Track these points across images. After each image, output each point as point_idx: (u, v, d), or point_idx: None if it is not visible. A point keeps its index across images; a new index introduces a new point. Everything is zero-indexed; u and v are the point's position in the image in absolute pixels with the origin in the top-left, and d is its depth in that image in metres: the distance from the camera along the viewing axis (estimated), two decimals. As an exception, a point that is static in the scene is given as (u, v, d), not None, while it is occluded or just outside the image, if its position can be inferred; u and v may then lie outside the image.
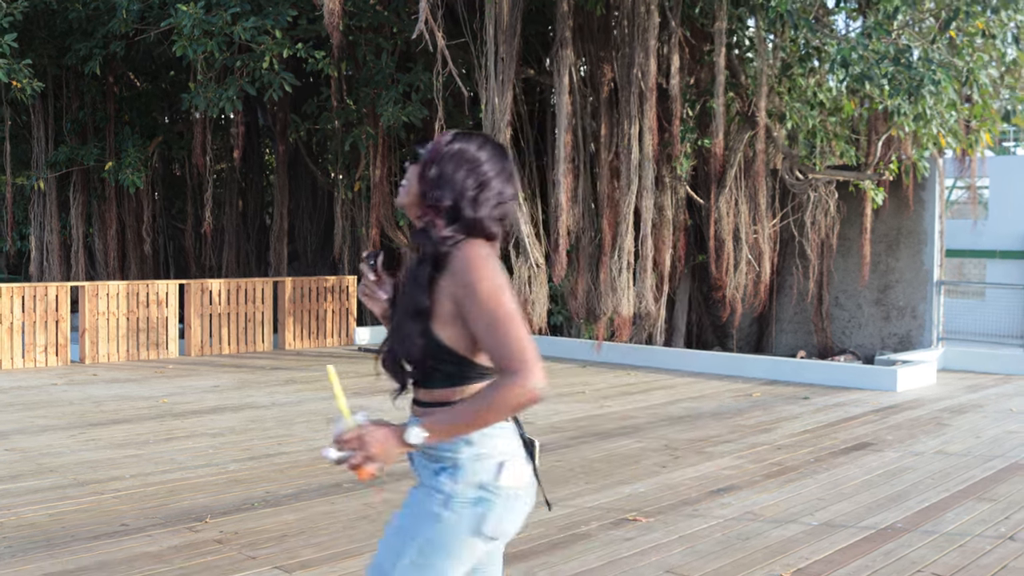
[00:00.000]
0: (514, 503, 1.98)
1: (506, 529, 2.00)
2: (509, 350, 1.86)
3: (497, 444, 1.97)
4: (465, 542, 1.96)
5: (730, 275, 11.44)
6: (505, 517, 1.98)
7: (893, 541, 4.67)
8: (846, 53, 7.87)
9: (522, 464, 1.99)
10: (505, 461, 1.98)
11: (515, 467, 1.98)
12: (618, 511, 5.10)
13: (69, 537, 4.47)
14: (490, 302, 1.87)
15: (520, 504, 2.00)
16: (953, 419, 8.13)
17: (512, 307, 1.89)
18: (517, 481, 1.98)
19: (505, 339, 1.86)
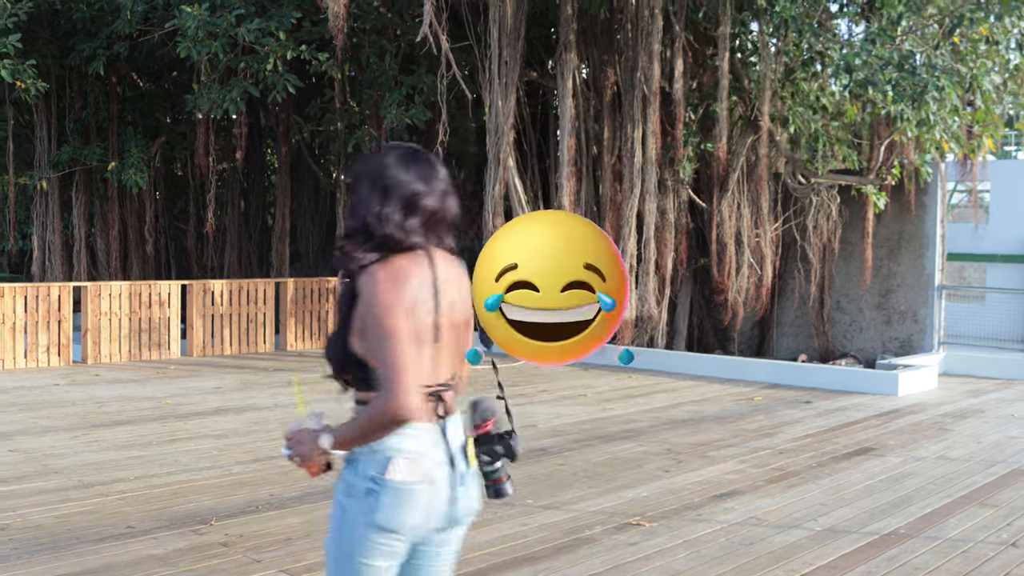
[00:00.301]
0: (404, 496, 2.08)
1: (401, 521, 2.09)
2: (385, 369, 2.02)
3: (391, 442, 2.08)
4: (365, 533, 2.08)
5: (732, 279, 11.45)
6: (396, 509, 2.08)
7: (896, 547, 4.68)
8: (850, 59, 7.89)
9: (414, 462, 2.08)
10: (393, 457, 2.08)
11: (404, 463, 2.08)
12: (621, 515, 5.11)
13: (75, 539, 4.48)
14: (379, 323, 2.02)
15: (413, 498, 2.08)
16: (955, 424, 8.15)
17: (398, 329, 2.01)
18: (405, 476, 2.08)
19: (384, 359, 2.01)
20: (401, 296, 2.04)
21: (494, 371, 2.23)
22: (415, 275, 2.08)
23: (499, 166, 10.20)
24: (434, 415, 2.12)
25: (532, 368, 11.41)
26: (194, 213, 16.66)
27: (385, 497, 2.07)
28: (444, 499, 2.13)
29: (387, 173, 2.08)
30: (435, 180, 2.12)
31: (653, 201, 10.64)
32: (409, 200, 2.07)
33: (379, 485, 2.08)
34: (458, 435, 2.20)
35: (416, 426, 2.08)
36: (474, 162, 15.07)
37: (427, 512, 2.11)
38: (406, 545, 2.15)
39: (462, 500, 2.17)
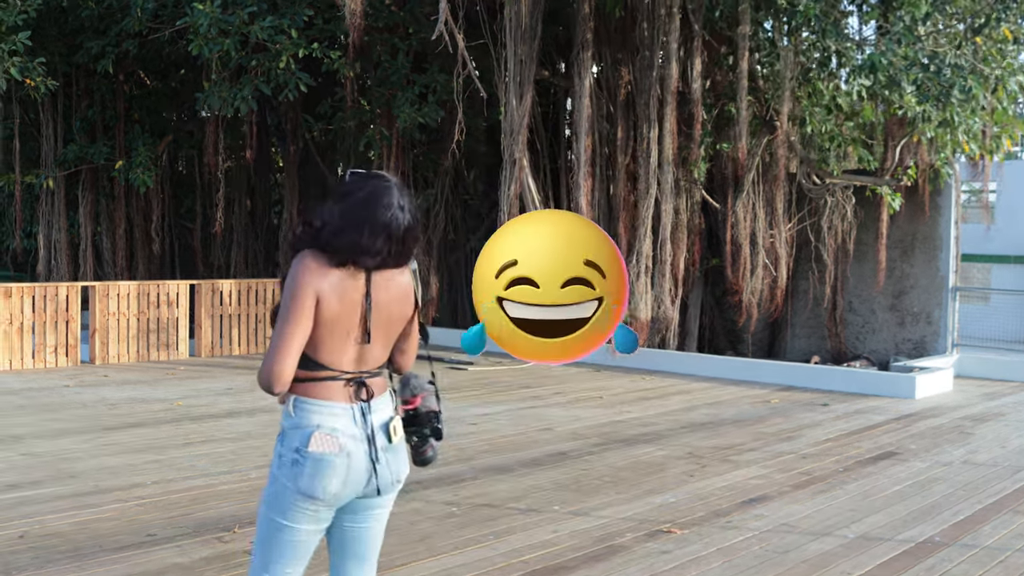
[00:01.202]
0: (322, 466, 2.38)
1: (320, 487, 2.39)
2: (273, 339, 2.38)
3: (312, 418, 2.40)
4: (290, 499, 2.40)
5: (746, 280, 11.35)
6: (316, 477, 2.38)
7: (933, 556, 4.59)
8: (876, 58, 7.79)
9: (331, 436, 2.39)
10: (313, 432, 2.39)
11: (322, 437, 2.39)
12: (651, 522, 5.02)
13: (96, 547, 4.38)
14: (286, 300, 2.37)
15: (330, 468, 2.38)
16: (976, 428, 8.06)
17: (291, 313, 2.35)
18: (323, 448, 2.38)
19: (276, 330, 2.37)
20: (311, 284, 2.35)
21: (429, 363, 2.70)
22: (337, 273, 2.38)
23: (514, 166, 10.10)
24: (355, 398, 2.44)
25: (544, 369, 11.32)
26: (200, 212, 16.55)
27: (307, 467, 2.38)
28: (362, 470, 2.43)
29: (346, 195, 2.43)
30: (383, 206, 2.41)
31: (670, 202, 10.54)
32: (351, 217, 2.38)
33: (302, 456, 2.38)
34: (383, 415, 2.50)
35: (336, 405, 2.41)
36: (484, 162, 14.97)
37: (344, 481, 2.41)
38: (329, 511, 2.45)
39: (383, 472, 2.47)
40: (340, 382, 2.42)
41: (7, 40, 10.40)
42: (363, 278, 2.41)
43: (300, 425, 2.40)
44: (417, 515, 5.03)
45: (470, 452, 6.65)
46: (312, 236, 2.41)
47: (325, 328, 2.38)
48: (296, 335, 2.34)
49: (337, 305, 2.37)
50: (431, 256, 13.63)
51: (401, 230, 2.41)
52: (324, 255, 2.38)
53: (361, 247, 2.36)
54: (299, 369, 2.39)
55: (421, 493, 5.48)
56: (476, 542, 4.61)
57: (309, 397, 2.41)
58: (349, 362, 2.44)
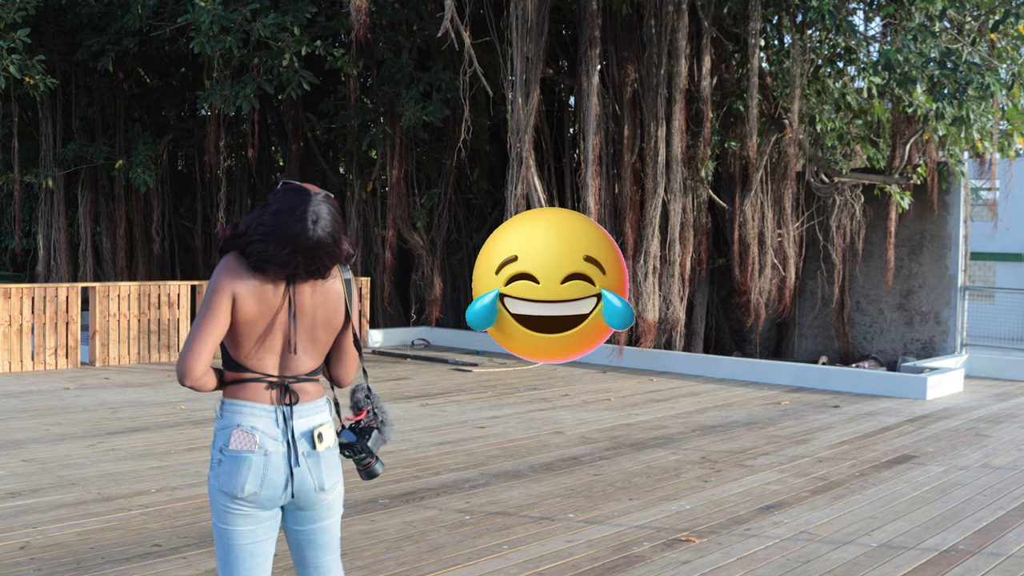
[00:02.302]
0: (238, 463, 2.42)
1: (237, 484, 2.42)
2: (190, 333, 2.44)
3: (234, 418, 2.45)
4: (216, 498, 2.45)
5: (754, 280, 11.23)
6: (232, 475, 2.42)
7: (959, 565, 4.47)
8: (892, 55, 7.66)
9: (248, 434, 2.43)
10: (233, 430, 2.44)
11: (239, 435, 2.43)
12: (668, 530, 4.90)
13: (100, 558, 4.26)
14: (206, 297, 2.45)
15: (244, 465, 2.42)
16: (991, 430, 7.95)
17: (206, 311, 2.41)
18: (239, 446, 2.42)
19: (194, 325, 2.44)
20: (228, 285, 2.43)
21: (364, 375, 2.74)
22: (256, 278, 2.45)
23: (521, 165, 9.97)
24: (277, 400, 2.48)
25: (550, 371, 11.20)
26: (201, 212, 16.41)
27: (226, 464, 2.43)
28: (280, 472, 2.45)
29: (268, 206, 2.50)
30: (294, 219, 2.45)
31: (678, 201, 10.41)
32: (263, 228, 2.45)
33: (223, 455, 2.45)
34: (310, 421, 2.52)
35: (257, 406, 2.46)
36: (488, 161, 14.84)
37: (261, 480, 2.43)
38: (262, 511, 2.47)
39: (302, 476, 2.48)
40: (263, 384, 2.48)
41: (6, 37, 10.26)
42: (283, 285, 2.47)
43: (225, 426, 2.47)
44: (430, 524, 4.91)
45: (481, 457, 6.52)
46: (234, 240, 2.49)
47: (244, 329, 2.45)
48: (209, 331, 2.40)
49: (255, 308, 2.44)
50: (434, 256, 13.50)
51: (310, 243, 2.45)
52: (242, 259, 2.47)
53: (268, 256, 2.43)
54: (227, 371, 2.49)
55: (434, 500, 5.36)
56: (490, 552, 4.49)
57: (234, 399, 2.47)
58: (273, 366, 2.50)
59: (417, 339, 13.67)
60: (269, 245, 2.44)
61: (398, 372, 10.86)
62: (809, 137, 11.46)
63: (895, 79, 7.90)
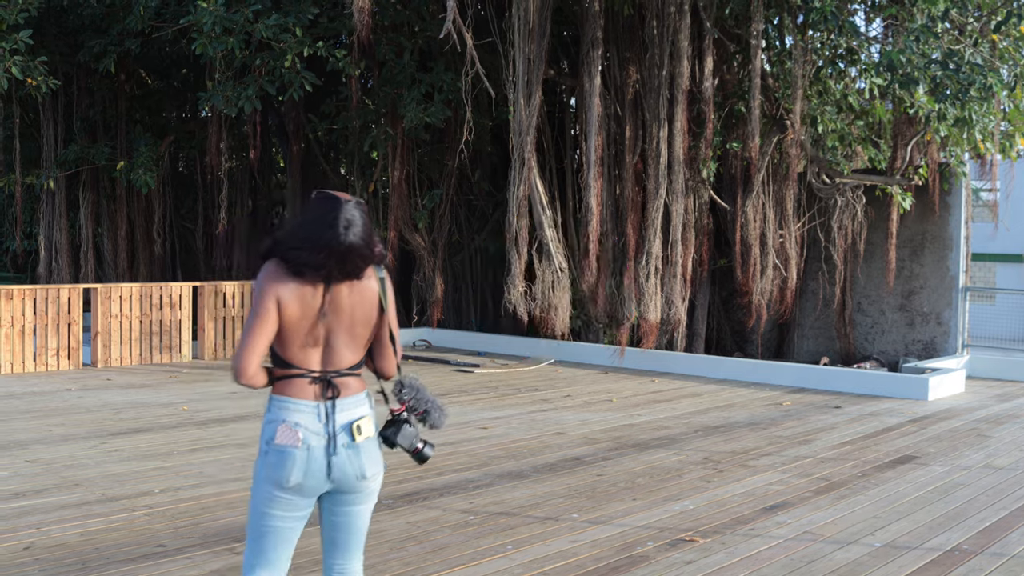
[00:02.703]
0: (283, 457, 2.62)
1: (282, 476, 2.62)
2: (242, 335, 2.65)
3: (280, 414, 2.66)
4: (262, 486, 2.66)
5: (756, 280, 11.23)
6: (278, 467, 2.63)
7: (963, 565, 4.48)
8: (894, 56, 7.66)
9: (292, 430, 2.63)
10: (279, 426, 2.64)
11: (284, 431, 2.63)
12: (672, 530, 4.90)
13: (105, 559, 4.26)
14: (253, 301, 2.68)
15: (289, 459, 2.63)
16: (992, 430, 7.95)
17: (255, 314, 2.63)
18: (284, 441, 2.63)
19: (245, 327, 2.64)
20: (272, 289, 2.63)
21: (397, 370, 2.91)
22: (296, 281, 2.64)
23: (523, 166, 9.98)
24: (321, 396, 2.67)
25: (551, 372, 11.21)
26: (202, 213, 16.41)
27: (272, 457, 2.64)
28: (322, 463, 2.64)
29: (303, 214, 2.71)
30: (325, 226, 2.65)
31: (680, 202, 10.41)
32: (299, 236, 2.65)
33: (270, 448, 2.65)
34: (351, 414, 2.70)
35: (301, 402, 2.66)
36: (490, 162, 14.84)
37: (304, 471, 2.63)
38: (301, 500, 2.66)
39: (341, 466, 2.66)
40: (306, 379, 2.67)
41: (8, 39, 10.27)
42: (322, 287, 2.66)
43: (272, 420, 2.67)
44: (434, 524, 4.92)
45: (484, 458, 6.53)
46: (275, 248, 2.68)
47: (289, 329, 2.66)
48: (259, 333, 2.62)
49: (297, 309, 2.63)
50: (436, 257, 13.50)
51: (343, 248, 2.63)
52: (284, 265, 2.65)
53: (304, 261, 2.62)
54: (276, 368, 2.70)
55: (437, 501, 5.37)
56: (494, 552, 4.50)
57: (281, 395, 2.67)
58: (316, 362, 2.69)
59: (419, 340, 13.68)
60: (304, 251, 2.63)
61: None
62: (810, 138, 11.46)
63: (897, 80, 7.90)
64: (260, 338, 2.61)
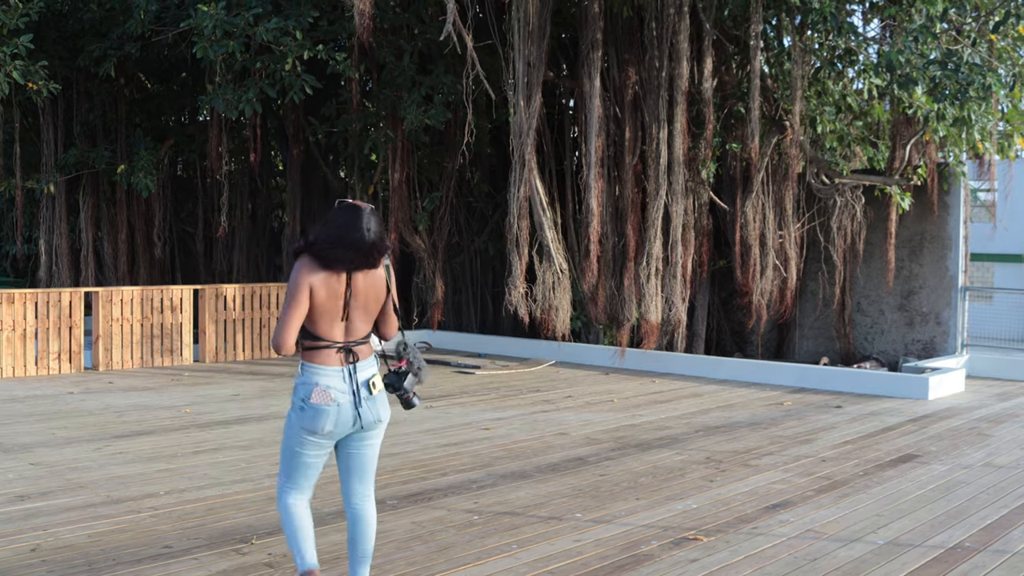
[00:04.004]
0: (319, 412, 3.41)
1: (318, 426, 3.43)
2: (280, 316, 3.40)
3: (313, 377, 3.43)
4: (298, 433, 3.47)
5: (756, 281, 11.25)
6: (314, 420, 3.42)
7: (965, 562, 4.50)
8: (893, 56, 7.69)
9: (325, 391, 3.41)
10: (313, 388, 3.42)
11: (319, 392, 3.41)
12: (676, 529, 4.92)
13: (111, 560, 4.27)
14: (288, 290, 3.40)
15: (324, 413, 3.41)
16: (993, 429, 7.98)
17: (291, 299, 3.37)
18: (319, 400, 3.41)
19: (283, 311, 3.39)
20: (306, 279, 3.37)
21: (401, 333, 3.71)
22: (324, 272, 3.38)
23: (523, 167, 10.00)
24: (345, 361, 3.46)
25: (552, 372, 11.23)
26: (202, 216, 16.42)
27: (308, 413, 3.42)
28: (348, 414, 3.45)
29: (331, 221, 3.46)
30: (352, 229, 3.41)
31: (680, 203, 10.44)
32: (331, 237, 3.41)
33: (307, 405, 3.42)
34: (366, 374, 3.50)
35: (330, 369, 3.43)
36: (489, 163, 14.87)
37: (335, 422, 3.44)
38: (327, 441, 3.49)
39: (365, 414, 3.49)
40: (333, 349, 3.43)
41: (9, 43, 10.28)
42: (345, 275, 3.41)
43: (306, 382, 3.43)
44: (439, 524, 4.94)
45: (486, 458, 6.55)
46: (307, 247, 3.41)
47: (317, 311, 3.40)
48: (295, 315, 3.36)
49: (325, 294, 3.38)
50: (436, 259, 13.52)
51: (367, 246, 3.42)
52: (315, 260, 3.39)
53: (336, 257, 3.37)
54: (306, 340, 3.43)
55: (442, 501, 5.39)
56: (499, 551, 4.52)
57: (312, 363, 3.44)
58: (339, 334, 3.45)
59: (419, 342, 13.70)
60: (337, 249, 3.39)
61: (401, 375, 10.87)
62: (809, 139, 11.49)
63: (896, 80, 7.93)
64: (295, 319, 3.36)
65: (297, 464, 3.49)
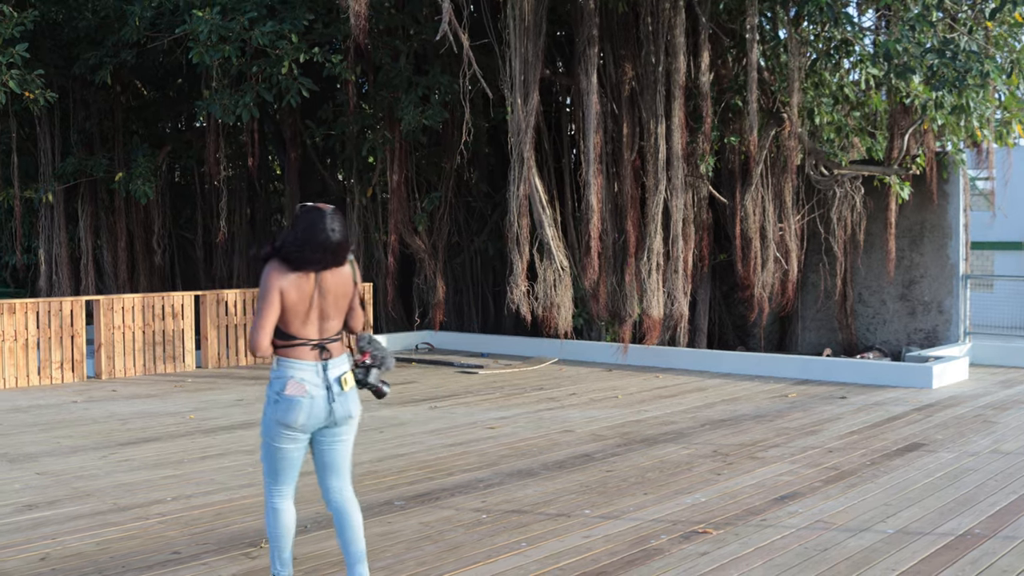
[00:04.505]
0: (293, 405, 3.53)
1: (292, 419, 3.53)
2: (254, 319, 3.53)
3: (288, 371, 3.55)
4: (273, 426, 3.57)
5: (757, 274, 11.24)
6: (289, 412, 3.53)
7: (976, 549, 4.50)
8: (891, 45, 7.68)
9: (299, 384, 3.52)
10: (287, 380, 3.53)
11: (293, 385, 3.52)
12: (685, 523, 4.92)
13: (121, 567, 4.27)
14: (260, 294, 3.53)
15: (298, 406, 3.53)
16: (998, 416, 7.98)
17: (263, 303, 3.50)
18: (294, 393, 3.52)
19: (256, 314, 3.52)
20: (276, 282, 3.49)
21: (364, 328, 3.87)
22: (294, 274, 3.50)
23: (522, 165, 9.99)
24: (319, 358, 3.58)
25: (555, 371, 11.22)
26: (201, 222, 16.40)
27: (283, 405, 3.53)
28: (322, 408, 3.57)
29: (297, 225, 3.56)
30: (319, 230, 3.52)
31: (680, 197, 10.43)
32: (299, 240, 3.51)
33: (281, 397, 3.54)
34: (338, 371, 3.62)
35: (305, 363, 3.55)
36: (487, 163, 14.86)
37: (309, 415, 3.55)
38: (303, 435, 3.59)
39: (337, 409, 3.60)
40: (307, 346, 3.55)
41: (4, 53, 10.27)
42: (312, 276, 3.53)
43: (280, 376, 3.54)
44: (447, 524, 4.93)
45: (492, 457, 6.54)
46: (275, 252, 3.53)
47: (290, 312, 3.53)
48: (268, 318, 3.49)
49: (296, 296, 3.51)
50: (436, 259, 13.50)
51: (334, 245, 3.55)
52: (284, 263, 3.51)
53: (306, 258, 3.50)
54: (280, 339, 3.54)
55: (449, 500, 5.38)
56: (509, 549, 4.51)
57: (287, 357, 3.55)
58: (314, 332, 3.58)
59: (421, 343, 13.69)
60: (306, 251, 3.50)
61: (404, 376, 10.87)
62: (807, 130, 11.48)
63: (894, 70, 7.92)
64: (269, 322, 3.50)
65: (278, 460, 3.60)
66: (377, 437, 7.30)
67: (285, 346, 3.53)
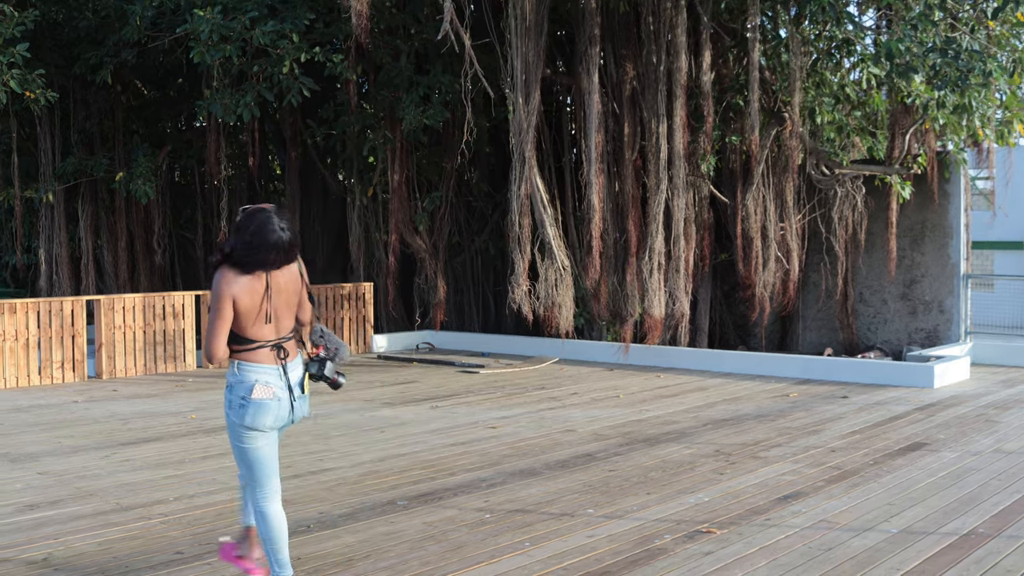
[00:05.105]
0: (261, 408, 3.57)
1: (260, 422, 3.58)
2: (207, 327, 3.54)
3: (251, 376, 3.57)
4: (240, 430, 3.60)
5: (758, 273, 11.24)
6: (258, 415, 3.57)
7: (980, 548, 4.49)
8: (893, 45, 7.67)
9: (265, 387, 3.56)
10: (253, 384, 3.56)
11: (260, 388, 3.56)
12: (688, 523, 4.91)
13: (123, 567, 4.26)
14: (213, 301, 3.53)
15: (265, 409, 3.57)
16: (1000, 416, 7.97)
17: (216, 311, 3.50)
18: (261, 396, 3.56)
19: (209, 321, 3.52)
20: (228, 289, 3.49)
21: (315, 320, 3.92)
22: (246, 278, 3.52)
23: (524, 165, 9.98)
24: (278, 360, 3.62)
25: (556, 370, 11.21)
26: (201, 222, 16.39)
27: (250, 408, 3.56)
28: (286, 409, 3.64)
29: (243, 228, 3.55)
30: (268, 231, 3.52)
31: (681, 197, 10.42)
32: (249, 243, 3.51)
33: (247, 401, 3.55)
34: (297, 374, 3.70)
35: (267, 367, 3.59)
36: (488, 162, 14.84)
37: (275, 417, 3.62)
38: (271, 433, 3.65)
39: (298, 410, 3.70)
40: (266, 348, 3.58)
41: (5, 53, 10.26)
42: (264, 277, 3.54)
43: (243, 380, 3.55)
44: (451, 524, 4.92)
45: (495, 457, 6.53)
46: (225, 258, 3.53)
47: (245, 316, 3.53)
48: (222, 325, 3.49)
49: (249, 300, 3.51)
50: (437, 259, 13.49)
51: (284, 244, 3.55)
52: (234, 268, 3.51)
53: (258, 261, 3.51)
54: (237, 344, 3.56)
55: (452, 500, 5.37)
56: (512, 549, 4.50)
57: (248, 361, 3.56)
58: (270, 332, 3.60)
59: (422, 343, 13.68)
60: (259, 253, 3.51)
61: (405, 376, 10.86)
62: (808, 130, 11.48)
63: (896, 69, 7.92)
64: (223, 328, 3.51)
65: (255, 460, 3.62)
66: (378, 437, 7.29)
67: (244, 350, 3.55)
